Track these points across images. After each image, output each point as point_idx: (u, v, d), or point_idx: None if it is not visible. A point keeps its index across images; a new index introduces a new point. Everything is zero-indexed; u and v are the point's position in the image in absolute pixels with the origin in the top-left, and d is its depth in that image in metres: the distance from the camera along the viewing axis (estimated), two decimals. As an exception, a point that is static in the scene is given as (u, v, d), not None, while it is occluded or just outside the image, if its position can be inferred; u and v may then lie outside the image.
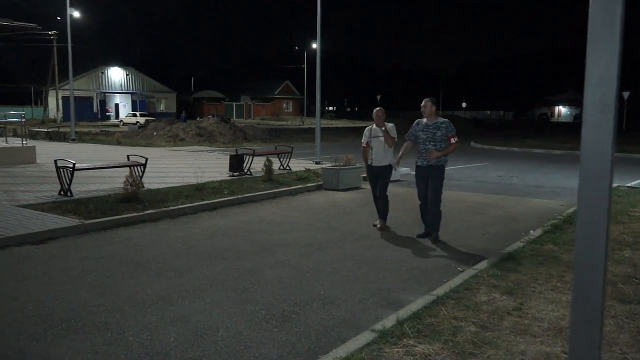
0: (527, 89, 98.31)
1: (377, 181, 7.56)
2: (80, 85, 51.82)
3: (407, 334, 3.81)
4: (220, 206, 9.06)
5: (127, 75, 60.51)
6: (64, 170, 9.16)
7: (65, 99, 44.93)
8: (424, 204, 7.04)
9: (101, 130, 35.05)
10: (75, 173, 9.25)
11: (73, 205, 8.27)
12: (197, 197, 9.27)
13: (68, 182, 9.17)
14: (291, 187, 10.89)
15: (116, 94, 60.08)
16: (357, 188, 11.27)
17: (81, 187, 9.90)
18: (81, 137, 26.56)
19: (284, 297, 4.78)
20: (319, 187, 11.32)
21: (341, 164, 11.54)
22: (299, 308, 4.52)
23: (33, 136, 25.07)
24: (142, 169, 10.16)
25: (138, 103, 59.00)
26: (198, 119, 38.25)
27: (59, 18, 41.69)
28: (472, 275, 5.25)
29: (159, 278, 5.28)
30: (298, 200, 10.09)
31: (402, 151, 7.18)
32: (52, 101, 52.25)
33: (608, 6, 1.67)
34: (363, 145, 7.61)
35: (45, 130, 28.03)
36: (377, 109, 7.54)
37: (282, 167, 13.63)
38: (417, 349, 3.61)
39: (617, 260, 5.66)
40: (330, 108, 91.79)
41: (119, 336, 3.91)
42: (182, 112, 50.89)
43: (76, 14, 31.51)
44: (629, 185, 11.70)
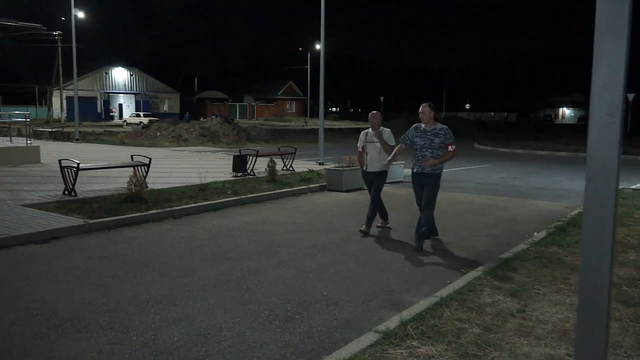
0: (531, 91, 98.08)
1: (373, 186, 7.46)
2: (84, 85, 51.98)
3: (410, 336, 3.81)
4: (224, 206, 9.08)
5: (130, 75, 60.68)
6: (69, 170, 9.19)
7: (69, 99, 45.11)
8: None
9: (105, 131, 35.15)
10: (80, 173, 9.29)
11: (77, 205, 8.30)
12: (200, 198, 9.28)
13: (72, 181, 9.20)
14: (294, 188, 10.90)
15: (120, 94, 60.26)
16: (360, 189, 11.26)
17: (85, 187, 9.93)
18: (85, 137, 26.63)
19: (287, 297, 4.78)
20: (322, 188, 11.33)
21: (344, 165, 11.54)
22: (302, 309, 4.52)
23: (37, 136, 25.16)
24: (146, 169, 10.18)
25: (142, 103, 59.17)
26: (201, 119, 38.28)
27: (63, 18, 41.89)
28: (475, 277, 5.25)
29: (162, 278, 5.29)
30: (301, 201, 10.10)
31: (394, 152, 7.01)
32: (56, 101, 52.48)
33: (615, 9, 1.67)
34: (359, 149, 7.54)
35: (50, 130, 28.12)
36: (373, 113, 7.43)
37: (285, 168, 13.64)
38: (420, 350, 3.60)
39: (622, 263, 5.65)
40: (334, 109, 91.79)
41: (122, 335, 3.92)
42: (186, 112, 51.07)
43: (80, 15, 31.61)
44: (633, 187, 11.66)
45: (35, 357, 3.59)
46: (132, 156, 11.09)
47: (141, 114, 50.95)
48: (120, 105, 60.07)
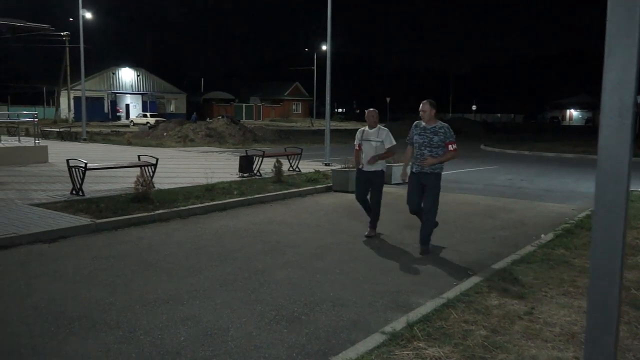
0: (538, 92, 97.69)
1: (365, 186, 7.15)
2: (91, 85, 52.25)
3: (417, 337, 3.80)
4: (230, 207, 9.09)
5: (137, 76, 60.94)
6: (76, 169, 9.24)
7: (77, 99, 45.35)
8: (416, 212, 6.49)
9: (112, 131, 35.31)
10: (87, 173, 9.34)
11: (84, 204, 8.34)
12: (207, 198, 9.30)
13: (80, 181, 9.24)
14: (301, 189, 10.90)
15: (127, 95, 60.54)
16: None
17: (92, 187, 9.98)
18: (92, 137, 26.76)
19: (293, 298, 4.78)
20: (328, 189, 11.33)
21: (351, 165, 11.53)
22: (308, 309, 4.52)
23: (45, 136, 25.31)
24: (153, 169, 10.22)
25: (148, 104, 59.42)
26: (208, 119, 38.42)
27: (71, 19, 42.11)
28: (482, 279, 5.23)
29: (169, 278, 5.31)
30: (307, 201, 10.10)
31: (405, 159, 6.75)
32: (63, 101, 52.80)
33: (626, 10, 1.66)
34: (355, 148, 7.30)
35: (57, 130, 28.29)
36: (369, 110, 7.18)
37: (291, 169, 13.65)
38: (427, 352, 3.59)
39: (631, 266, 5.61)
40: (340, 110, 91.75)
41: (130, 335, 3.94)
42: (193, 113, 51.27)
43: (88, 15, 31.81)
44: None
45: (44, 356, 3.61)
46: (139, 156, 11.13)
47: (148, 114, 51.12)
48: (127, 106, 60.35)
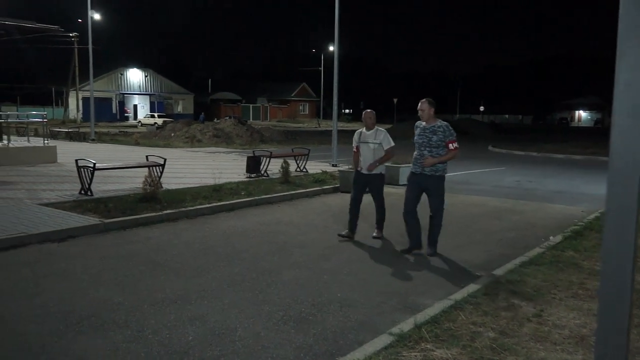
0: (547, 93, 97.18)
1: (362, 188, 7.03)
2: (99, 86, 52.55)
3: (425, 338, 3.79)
4: (238, 207, 9.11)
5: (145, 76, 61.24)
6: (85, 169, 9.30)
7: (85, 100, 45.63)
8: (409, 212, 6.28)
9: (120, 131, 35.48)
10: (96, 173, 9.39)
11: (93, 204, 8.39)
12: (214, 198, 9.33)
13: (88, 181, 9.30)
14: (308, 189, 10.90)
15: (135, 95, 60.86)
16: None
17: (101, 187, 10.04)
18: (100, 138, 26.92)
19: (301, 298, 4.79)
20: (335, 190, 11.32)
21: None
22: (316, 310, 4.52)
23: (54, 136, 25.48)
24: (161, 170, 10.27)
25: (156, 104, 59.73)
26: (215, 120, 38.53)
27: (80, 20, 42.43)
28: (490, 281, 5.21)
29: (177, 278, 5.33)
30: (315, 202, 10.10)
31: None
32: (72, 102, 53.14)
33: (638, 10, 1.65)
34: (353, 150, 7.13)
35: (66, 130, 28.48)
36: (366, 112, 7.04)
37: (298, 169, 13.66)
38: (435, 353, 3.59)
39: (640, 268, 5.56)
40: (347, 110, 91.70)
41: (138, 334, 3.96)
42: (201, 113, 51.43)
43: (97, 16, 32.01)
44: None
45: (53, 354, 3.63)
46: (147, 156, 11.18)
47: (155, 114, 51.37)
48: (135, 106, 60.65)
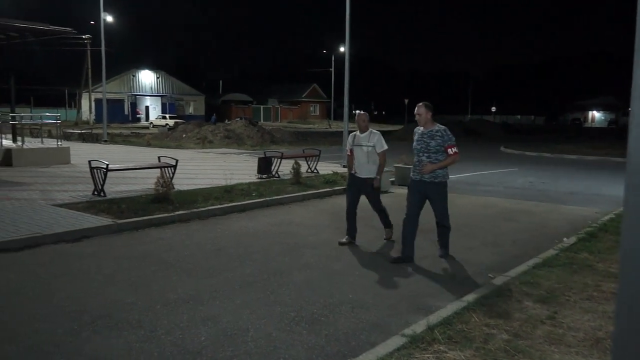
0: (560, 94, 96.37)
1: (357, 193, 6.89)
2: (112, 87, 53.01)
3: (437, 340, 3.77)
4: (249, 208, 9.13)
5: (157, 78, 61.67)
6: (98, 170, 9.37)
7: (98, 101, 46.07)
8: (409, 217, 6.05)
9: (132, 132, 35.77)
10: (108, 174, 9.46)
11: (106, 205, 8.46)
12: (226, 199, 9.36)
13: (101, 182, 9.37)
14: (319, 190, 10.90)
15: (146, 97, 61.29)
16: (385, 192, 11.20)
17: (114, 188, 10.11)
18: (113, 139, 27.15)
19: (313, 299, 4.78)
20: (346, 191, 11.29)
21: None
22: (328, 311, 4.52)
23: (67, 137, 25.74)
24: (173, 171, 10.32)
25: (167, 105, 60.13)
26: (226, 121, 38.70)
27: (92, 22, 42.79)
28: (503, 282, 5.17)
29: (189, 278, 5.35)
30: (326, 203, 10.10)
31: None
32: (85, 103, 53.60)
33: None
34: (347, 153, 7.02)
35: (79, 131, 28.81)
36: (360, 114, 6.90)
37: (309, 170, 13.66)
38: (447, 355, 3.56)
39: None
40: (358, 111, 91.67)
41: (151, 334, 3.98)
42: (213, 114, 51.72)
43: (109, 19, 32.28)
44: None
45: (68, 354, 3.66)
46: (159, 157, 11.25)
47: (167, 116, 51.73)
48: (147, 108, 61.09)
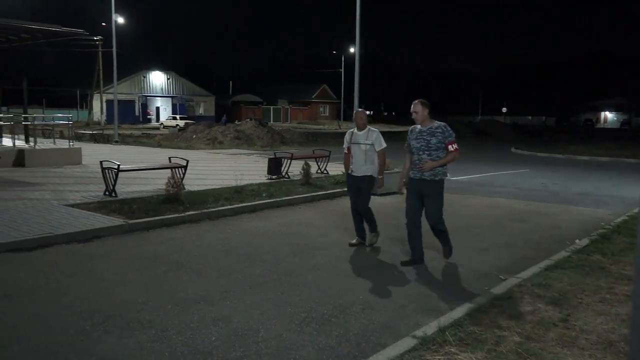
0: (571, 94, 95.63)
1: (357, 192, 6.71)
2: (123, 88, 53.39)
3: (448, 342, 3.75)
4: (260, 209, 9.15)
5: (167, 79, 62.04)
6: (109, 171, 9.44)
7: (109, 102, 46.40)
8: (411, 221, 5.95)
9: (143, 133, 36.00)
10: (120, 174, 9.52)
11: (117, 205, 8.51)
12: (236, 200, 9.39)
13: (113, 182, 9.44)
14: (329, 191, 10.90)
15: (157, 98, 61.68)
16: (394, 193, 11.13)
17: (125, 188, 10.17)
18: (124, 140, 27.34)
19: (323, 300, 4.78)
20: (356, 192, 11.28)
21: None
22: (338, 311, 4.51)
23: (78, 138, 25.96)
24: (183, 171, 10.37)
25: (178, 106, 60.46)
26: (236, 122, 38.83)
27: (104, 24, 43.14)
28: (514, 284, 5.13)
29: (199, 278, 5.37)
30: (336, 204, 10.09)
31: (403, 169, 6.24)
32: (96, 104, 54.10)
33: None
34: (344, 151, 6.80)
35: (90, 132, 29.00)
36: (358, 111, 6.73)
37: (319, 171, 13.65)
38: (459, 357, 3.54)
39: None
40: (367, 112, 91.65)
41: (162, 334, 4.00)
42: (224, 115, 51.97)
43: (120, 20, 32.52)
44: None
45: (79, 354, 3.69)
46: (169, 158, 11.31)
47: (177, 116, 52.00)
48: (158, 108, 61.48)
